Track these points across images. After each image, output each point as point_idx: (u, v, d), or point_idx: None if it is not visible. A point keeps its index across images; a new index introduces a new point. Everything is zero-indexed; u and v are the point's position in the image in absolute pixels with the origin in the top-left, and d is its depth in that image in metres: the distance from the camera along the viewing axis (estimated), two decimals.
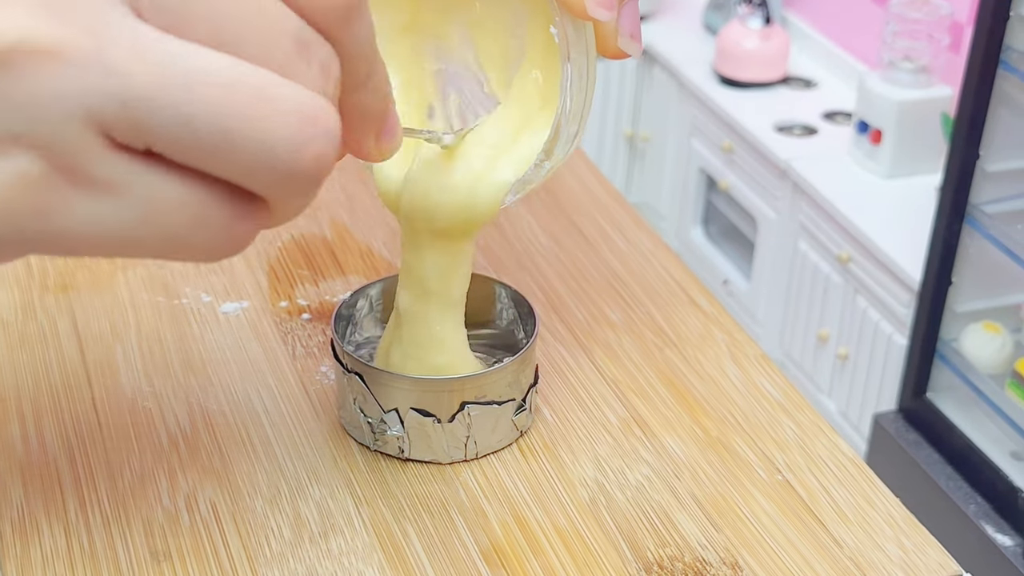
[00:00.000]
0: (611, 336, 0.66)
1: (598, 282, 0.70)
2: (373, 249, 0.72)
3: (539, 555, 0.53)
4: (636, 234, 0.75)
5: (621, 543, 0.53)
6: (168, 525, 0.53)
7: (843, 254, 1.63)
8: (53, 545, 0.52)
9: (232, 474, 0.56)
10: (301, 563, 0.52)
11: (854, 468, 0.58)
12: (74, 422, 0.58)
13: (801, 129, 1.84)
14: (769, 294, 1.83)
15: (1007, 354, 1.43)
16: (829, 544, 0.54)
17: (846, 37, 1.96)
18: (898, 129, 1.67)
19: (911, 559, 0.54)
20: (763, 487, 0.57)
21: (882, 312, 1.59)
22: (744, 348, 0.66)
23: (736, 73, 1.93)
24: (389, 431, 0.56)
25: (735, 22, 1.94)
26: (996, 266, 1.40)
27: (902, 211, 1.63)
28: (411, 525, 0.54)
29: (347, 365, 0.57)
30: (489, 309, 0.61)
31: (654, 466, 0.58)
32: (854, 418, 1.66)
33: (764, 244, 1.83)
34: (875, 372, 1.61)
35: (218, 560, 0.52)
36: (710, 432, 0.60)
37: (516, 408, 0.57)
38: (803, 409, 0.62)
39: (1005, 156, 1.37)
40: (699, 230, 2.04)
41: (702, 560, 0.53)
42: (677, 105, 2.03)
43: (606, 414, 0.61)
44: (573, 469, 0.57)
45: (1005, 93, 1.33)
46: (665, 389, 0.62)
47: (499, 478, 0.57)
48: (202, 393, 0.60)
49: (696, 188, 2.01)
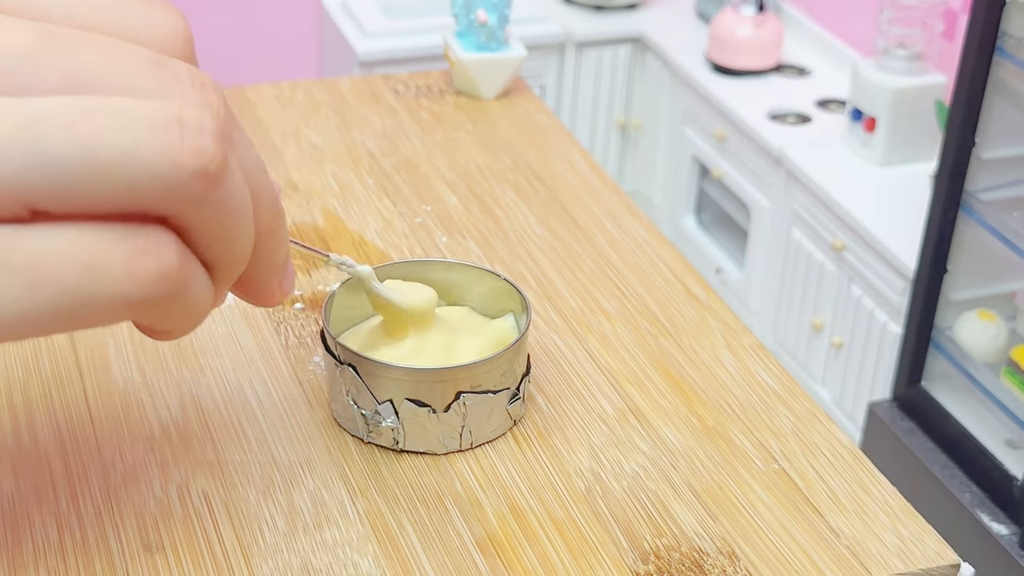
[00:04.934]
0: (606, 325, 0.66)
1: (592, 271, 0.70)
2: (366, 237, 0.72)
3: (535, 545, 0.52)
4: (631, 223, 0.74)
5: (617, 533, 0.53)
6: (161, 517, 0.53)
7: (837, 242, 1.63)
8: (45, 537, 0.51)
9: (225, 465, 0.55)
10: (295, 554, 0.51)
11: (850, 457, 0.58)
12: (65, 414, 0.58)
13: (795, 117, 1.83)
14: (763, 283, 1.83)
15: (1002, 342, 1.43)
16: (826, 533, 0.54)
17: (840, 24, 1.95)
18: (892, 116, 1.66)
19: (908, 548, 0.54)
20: (759, 476, 0.57)
21: (877, 300, 1.58)
22: (739, 337, 0.65)
23: (729, 61, 1.92)
24: (384, 422, 0.56)
25: (728, 10, 1.93)
26: (991, 254, 1.40)
27: (896, 199, 1.63)
28: (406, 516, 0.53)
29: (340, 357, 0.56)
30: (494, 303, 0.61)
31: (650, 455, 0.57)
32: (849, 407, 1.66)
33: (757, 232, 1.82)
34: (870, 361, 1.61)
35: (211, 552, 0.51)
36: (706, 421, 0.60)
37: (510, 397, 0.57)
38: (799, 397, 0.61)
39: (1000, 143, 1.37)
40: (692, 218, 2.03)
41: (699, 550, 0.53)
42: (670, 93, 2.03)
43: (601, 403, 0.60)
44: (568, 458, 0.57)
45: (1001, 80, 1.33)
46: (660, 378, 0.62)
47: (494, 468, 0.56)
48: (194, 384, 0.60)
49: (689, 176, 2.01)
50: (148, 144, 0.35)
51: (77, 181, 0.34)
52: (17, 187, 0.34)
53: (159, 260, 0.36)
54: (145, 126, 0.35)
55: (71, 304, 0.35)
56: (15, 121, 0.34)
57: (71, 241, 0.35)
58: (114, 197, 0.35)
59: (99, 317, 0.36)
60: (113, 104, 0.35)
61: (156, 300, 0.36)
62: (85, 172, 0.34)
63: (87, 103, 0.34)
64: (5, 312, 0.34)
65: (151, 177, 0.35)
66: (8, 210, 0.34)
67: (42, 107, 0.34)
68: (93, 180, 0.34)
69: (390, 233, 0.72)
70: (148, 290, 0.36)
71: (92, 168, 0.34)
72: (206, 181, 0.36)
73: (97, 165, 0.34)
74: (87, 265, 0.35)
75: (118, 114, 0.34)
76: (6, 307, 0.34)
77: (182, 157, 0.35)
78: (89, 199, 0.34)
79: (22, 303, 0.34)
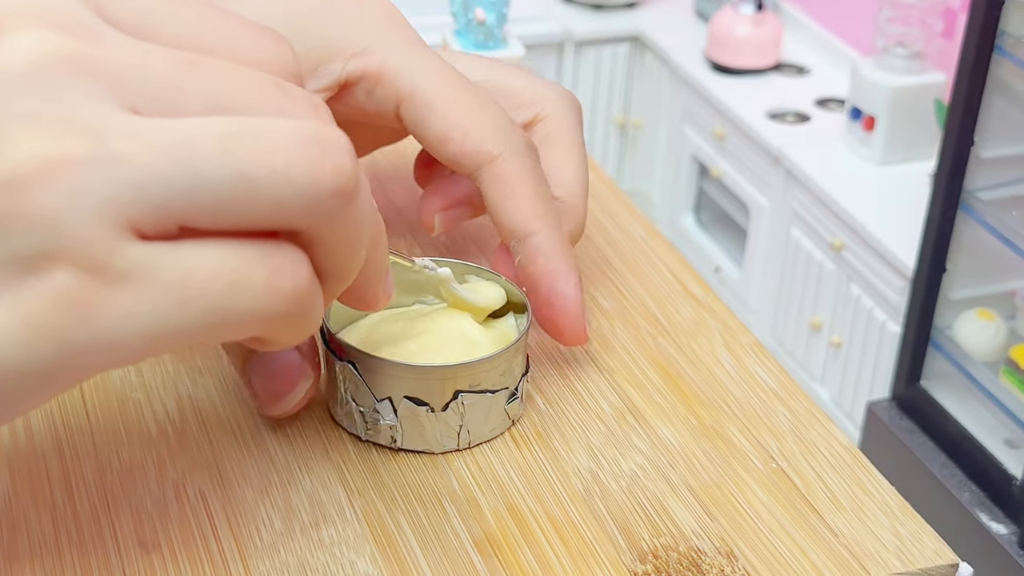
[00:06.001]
0: (604, 324, 0.66)
1: (591, 270, 0.70)
2: None
3: (532, 545, 0.52)
4: (629, 222, 0.74)
5: (615, 532, 0.53)
6: (157, 515, 0.53)
7: (836, 241, 1.63)
8: (41, 535, 0.51)
9: (222, 464, 0.55)
10: (292, 554, 0.51)
11: (849, 456, 0.58)
12: (62, 412, 0.58)
13: (794, 116, 1.83)
14: (762, 282, 1.83)
15: (1001, 341, 1.43)
16: (824, 532, 0.54)
17: (839, 23, 1.95)
18: (891, 115, 1.66)
19: (907, 547, 0.53)
20: (758, 475, 0.57)
21: (876, 299, 1.58)
22: (738, 336, 0.65)
23: (728, 60, 1.92)
24: (382, 420, 0.56)
25: (727, 8, 1.93)
26: (990, 253, 1.40)
27: (895, 198, 1.63)
28: (403, 515, 0.53)
29: (339, 353, 0.56)
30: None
31: (648, 455, 0.57)
32: (847, 406, 1.66)
33: (756, 231, 1.82)
34: (868, 360, 1.61)
35: (208, 550, 0.51)
36: (704, 421, 0.59)
37: (509, 397, 0.57)
38: (798, 397, 0.61)
39: (999, 142, 1.36)
40: (691, 217, 2.03)
41: (697, 549, 0.53)
42: (669, 92, 2.03)
43: (599, 403, 0.60)
44: (566, 458, 0.57)
45: (1000, 78, 1.33)
46: (659, 377, 0.62)
47: (492, 467, 0.56)
48: (191, 383, 0.60)
49: (688, 175, 2.01)
50: (296, 163, 0.36)
51: (229, 200, 0.36)
52: (172, 207, 0.35)
53: (295, 277, 0.38)
54: (292, 146, 0.36)
55: (217, 320, 0.37)
56: (168, 142, 0.35)
57: (217, 260, 0.36)
58: (261, 214, 0.37)
59: (238, 332, 0.38)
60: (260, 125, 0.37)
61: (289, 315, 0.38)
62: (237, 191, 0.36)
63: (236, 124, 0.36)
64: (158, 329, 0.36)
65: (297, 195, 0.37)
66: (160, 228, 0.36)
67: (193, 129, 0.36)
68: (244, 198, 0.36)
69: (388, 233, 0.72)
70: (284, 307, 0.38)
71: (244, 187, 0.36)
72: (344, 199, 0.38)
73: (249, 184, 0.36)
74: (232, 283, 0.37)
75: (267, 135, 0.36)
76: (159, 324, 0.36)
77: (323, 176, 0.37)
78: (237, 216, 0.36)
79: (173, 321, 0.36)
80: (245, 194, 0.36)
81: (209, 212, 0.36)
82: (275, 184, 0.36)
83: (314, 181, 0.37)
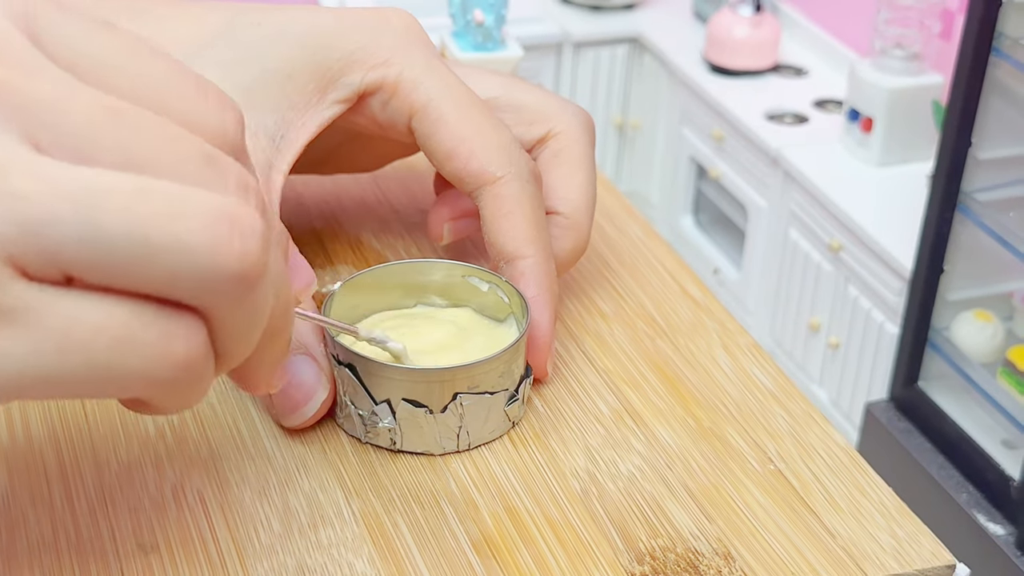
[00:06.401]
0: (602, 326, 0.66)
1: (589, 271, 0.70)
2: (362, 239, 0.72)
3: (530, 546, 0.52)
4: (627, 223, 0.74)
5: (613, 534, 0.53)
6: (156, 516, 0.53)
7: (834, 242, 1.63)
8: (40, 536, 0.51)
9: (220, 465, 0.55)
10: (290, 555, 0.51)
11: (847, 458, 0.58)
12: (60, 412, 0.58)
13: (792, 117, 1.83)
14: (760, 283, 1.83)
15: (999, 342, 1.43)
16: (822, 534, 0.54)
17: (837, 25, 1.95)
18: (889, 117, 1.66)
19: (904, 548, 0.54)
20: (755, 477, 0.57)
21: (873, 301, 1.58)
22: (736, 337, 0.65)
23: (726, 61, 1.92)
24: (381, 423, 0.56)
25: (725, 10, 1.93)
26: (988, 254, 1.40)
27: (893, 199, 1.63)
28: (401, 517, 0.53)
29: (337, 356, 0.56)
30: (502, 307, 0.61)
31: (646, 456, 0.57)
32: (845, 407, 1.66)
33: (755, 233, 1.82)
34: (866, 361, 1.61)
35: (206, 551, 0.51)
36: (702, 422, 0.60)
37: (508, 398, 0.57)
38: (795, 398, 0.61)
39: (997, 143, 1.36)
40: (689, 219, 2.03)
41: (694, 551, 0.53)
42: (667, 93, 2.03)
43: (597, 404, 0.60)
44: (564, 460, 0.57)
45: (997, 80, 1.33)
46: (657, 379, 0.62)
47: (490, 469, 0.56)
48: None
49: (686, 177, 2.00)
50: (199, 237, 0.35)
51: (124, 260, 0.34)
52: (64, 255, 0.34)
53: (187, 345, 0.36)
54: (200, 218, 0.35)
55: (100, 375, 0.35)
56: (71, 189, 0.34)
57: (105, 315, 0.35)
58: (154, 282, 0.35)
59: (121, 390, 0.36)
60: (171, 190, 0.35)
61: (176, 382, 0.36)
62: (133, 253, 0.34)
63: (146, 184, 0.35)
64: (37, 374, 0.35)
65: (194, 270, 0.35)
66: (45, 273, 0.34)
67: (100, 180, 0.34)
68: (139, 262, 0.34)
69: (387, 234, 0.72)
70: (173, 373, 0.36)
71: (141, 251, 0.34)
72: (244, 284, 0.36)
73: (146, 248, 0.34)
74: (119, 340, 0.35)
75: (175, 201, 0.35)
76: (38, 369, 0.35)
77: (226, 256, 0.35)
78: (129, 279, 0.35)
79: (52, 368, 0.35)
80: (141, 258, 0.34)
81: (100, 268, 0.34)
82: (173, 254, 0.34)
83: (214, 259, 0.35)
